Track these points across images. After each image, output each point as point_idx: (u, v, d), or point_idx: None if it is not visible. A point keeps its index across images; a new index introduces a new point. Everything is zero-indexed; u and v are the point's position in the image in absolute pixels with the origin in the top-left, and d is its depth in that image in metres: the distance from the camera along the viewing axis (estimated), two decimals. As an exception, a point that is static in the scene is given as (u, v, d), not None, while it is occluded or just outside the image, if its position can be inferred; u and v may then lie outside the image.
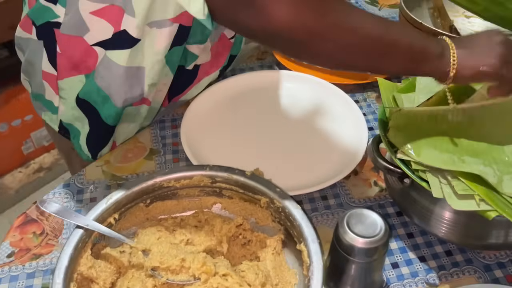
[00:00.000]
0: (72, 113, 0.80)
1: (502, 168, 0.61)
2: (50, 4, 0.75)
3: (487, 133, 0.64)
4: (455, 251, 0.68)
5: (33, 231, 0.69)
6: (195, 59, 0.84)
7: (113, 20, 0.71)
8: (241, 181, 0.66)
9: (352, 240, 0.56)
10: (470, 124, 0.65)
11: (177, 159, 0.81)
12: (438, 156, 0.61)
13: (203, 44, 0.82)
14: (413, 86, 0.72)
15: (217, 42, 0.86)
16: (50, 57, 0.77)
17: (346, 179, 0.77)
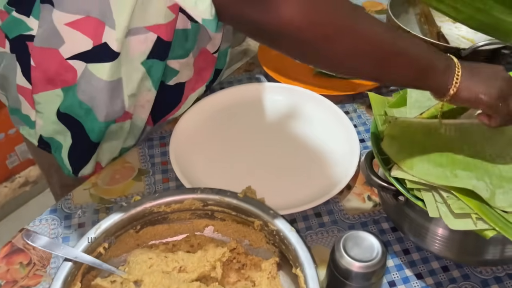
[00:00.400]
0: (53, 128, 0.78)
1: (494, 182, 0.60)
2: (22, 16, 0.72)
3: (480, 148, 0.64)
4: (452, 266, 0.67)
5: (20, 262, 0.67)
6: (175, 74, 0.81)
7: (91, 32, 0.69)
8: (233, 203, 0.65)
9: (349, 264, 0.55)
10: (462, 138, 0.65)
11: (167, 179, 0.80)
12: (431, 170, 0.60)
13: (183, 59, 0.79)
14: (404, 100, 0.71)
15: (198, 57, 0.83)
16: (24, 70, 0.75)
17: (340, 194, 0.76)
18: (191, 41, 0.77)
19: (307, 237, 0.71)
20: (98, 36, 0.69)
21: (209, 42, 0.82)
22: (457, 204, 0.56)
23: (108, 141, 0.81)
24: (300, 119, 0.91)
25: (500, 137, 0.65)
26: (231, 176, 0.80)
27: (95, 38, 0.69)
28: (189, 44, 0.77)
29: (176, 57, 0.78)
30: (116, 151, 0.84)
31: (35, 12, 0.71)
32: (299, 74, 1.03)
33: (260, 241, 0.66)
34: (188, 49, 0.78)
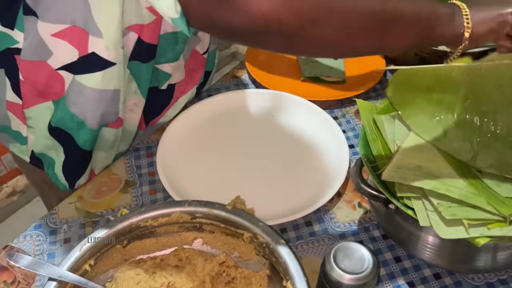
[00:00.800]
0: (45, 143, 0.77)
1: (483, 140, 0.58)
2: (7, 29, 0.71)
3: (486, 98, 0.59)
4: (444, 273, 0.67)
5: (4, 280, 0.65)
6: (168, 78, 0.81)
7: (77, 42, 0.68)
8: (222, 216, 0.64)
9: (340, 277, 0.54)
10: (471, 85, 0.59)
11: (154, 190, 0.78)
12: (426, 124, 0.59)
13: (175, 62, 0.79)
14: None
15: (189, 59, 0.83)
16: (14, 85, 0.74)
17: (330, 202, 0.75)
18: (182, 43, 0.77)
19: (298, 246, 0.70)
20: (83, 46, 0.68)
21: (198, 43, 0.82)
22: (448, 211, 0.55)
23: (101, 148, 0.80)
24: (288, 125, 0.90)
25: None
26: (219, 186, 0.79)
27: (81, 48, 0.68)
28: (179, 47, 0.77)
29: (168, 61, 0.78)
30: (110, 158, 0.83)
31: (18, 24, 0.69)
32: (287, 80, 1.02)
33: (250, 253, 0.65)
34: (179, 52, 0.78)
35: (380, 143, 0.66)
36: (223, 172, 0.82)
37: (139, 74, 0.75)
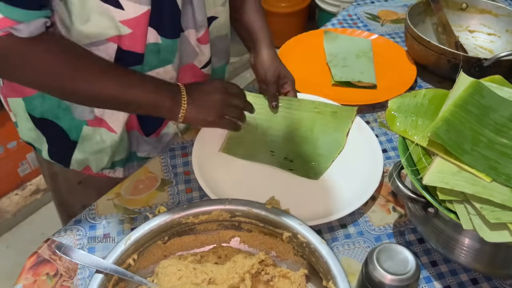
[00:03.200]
0: (29, 134, 0.81)
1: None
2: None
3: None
4: (481, 279, 0.67)
5: (47, 272, 0.67)
6: None
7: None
8: (261, 215, 0.64)
9: (382, 277, 0.55)
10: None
11: (190, 189, 0.79)
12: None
13: (159, 68, 0.77)
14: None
15: (185, 72, 0.82)
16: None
17: (364, 205, 0.76)
18: (167, 54, 0.76)
19: (334, 248, 0.71)
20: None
21: (196, 57, 0.82)
22: (492, 215, 0.55)
23: (88, 149, 0.81)
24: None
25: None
26: (253, 186, 0.80)
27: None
28: (163, 56, 0.76)
29: (152, 68, 0.77)
30: (103, 161, 0.83)
31: None
32: (318, 84, 1.03)
33: (288, 253, 0.66)
34: (164, 60, 0.77)
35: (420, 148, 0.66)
36: (258, 173, 0.83)
37: None
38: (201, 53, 0.82)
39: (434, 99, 0.71)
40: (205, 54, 0.82)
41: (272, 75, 0.87)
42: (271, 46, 0.88)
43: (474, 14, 1.13)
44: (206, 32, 0.79)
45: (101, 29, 0.68)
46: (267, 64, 0.87)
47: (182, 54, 0.79)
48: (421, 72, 1.04)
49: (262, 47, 0.88)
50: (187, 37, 0.78)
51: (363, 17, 1.26)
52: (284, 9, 2.48)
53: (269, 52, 0.88)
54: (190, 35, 0.78)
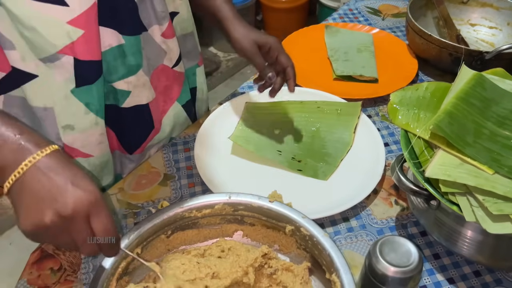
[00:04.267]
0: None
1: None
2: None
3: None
4: (484, 271, 0.67)
5: (51, 267, 0.67)
6: (127, 95, 0.74)
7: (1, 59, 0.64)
8: (264, 208, 0.65)
9: (386, 269, 0.55)
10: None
11: (192, 183, 0.80)
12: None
13: (130, 77, 0.73)
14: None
15: (157, 74, 0.78)
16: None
17: (366, 199, 0.76)
18: (134, 56, 0.71)
19: (336, 242, 0.71)
20: (4, 63, 0.65)
21: (164, 56, 0.77)
22: (495, 207, 0.55)
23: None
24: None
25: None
26: (256, 180, 0.80)
27: (3, 65, 0.65)
28: (132, 60, 0.71)
29: (121, 77, 0.72)
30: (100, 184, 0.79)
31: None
32: (319, 79, 1.03)
33: (291, 246, 0.66)
34: (134, 65, 0.72)
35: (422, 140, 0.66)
36: (259, 167, 0.83)
37: (88, 97, 0.69)
38: (169, 49, 0.78)
39: (436, 92, 0.71)
40: (174, 50, 0.78)
41: (250, 48, 0.77)
42: (236, 19, 0.79)
43: (475, 8, 1.13)
44: (169, 25, 0.75)
45: (51, 38, 0.62)
46: (240, 38, 0.77)
47: (150, 55, 0.75)
48: (423, 66, 1.04)
49: (228, 24, 0.79)
50: (151, 35, 0.74)
51: (364, 11, 1.26)
52: (285, 4, 2.48)
53: (236, 26, 0.79)
54: (154, 32, 0.74)
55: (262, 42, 0.77)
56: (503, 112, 0.66)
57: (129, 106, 0.76)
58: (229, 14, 0.79)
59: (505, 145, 0.63)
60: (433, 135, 0.64)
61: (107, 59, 0.69)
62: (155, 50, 0.75)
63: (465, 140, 0.62)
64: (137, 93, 0.75)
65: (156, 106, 0.80)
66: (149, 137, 0.82)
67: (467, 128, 0.63)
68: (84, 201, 0.46)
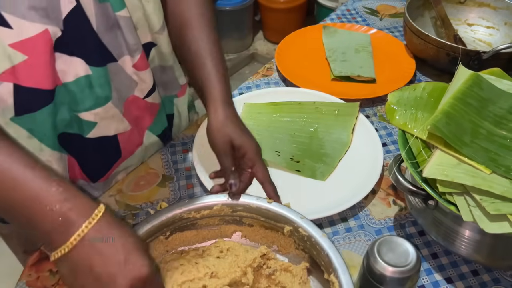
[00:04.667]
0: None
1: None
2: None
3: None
4: (481, 270, 0.67)
5: (49, 269, 0.67)
6: (92, 126, 0.70)
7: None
8: (263, 209, 0.65)
9: (384, 269, 0.55)
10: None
11: (191, 184, 0.80)
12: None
13: (98, 108, 0.68)
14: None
15: (128, 106, 0.73)
16: None
17: (365, 199, 0.76)
18: (102, 88, 0.67)
19: (334, 242, 0.71)
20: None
21: (135, 87, 0.72)
22: (492, 206, 0.55)
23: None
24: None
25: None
26: (254, 181, 0.80)
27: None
28: (99, 92, 0.67)
29: (88, 108, 0.67)
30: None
31: None
32: (317, 79, 1.03)
33: (289, 246, 0.66)
34: (102, 97, 0.68)
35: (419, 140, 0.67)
36: (258, 168, 0.83)
37: (35, 127, 0.64)
38: (140, 81, 0.72)
39: (434, 92, 0.71)
40: (146, 81, 0.72)
41: (220, 146, 0.66)
42: (221, 105, 0.67)
43: (473, 7, 1.13)
44: (142, 56, 0.70)
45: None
46: (214, 131, 0.66)
47: (120, 86, 0.70)
48: (420, 66, 1.04)
49: (210, 106, 0.68)
50: (122, 66, 0.69)
51: (361, 12, 1.26)
52: (283, 4, 2.48)
53: (217, 113, 0.66)
54: (125, 63, 0.69)
55: (237, 144, 0.66)
56: (500, 112, 0.66)
57: (94, 137, 0.71)
58: (216, 96, 0.68)
59: (502, 144, 0.63)
60: (431, 135, 0.64)
61: (74, 90, 0.64)
62: (126, 81, 0.70)
63: (462, 140, 0.62)
64: (104, 125, 0.71)
65: (128, 137, 0.76)
66: (115, 165, 0.77)
67: (464, 128, 0.64)
68: (139, 282, 0.46)
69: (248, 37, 2.65)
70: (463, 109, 0.65)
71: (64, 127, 0.67)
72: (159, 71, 0.78)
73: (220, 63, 0.70)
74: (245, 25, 2.56)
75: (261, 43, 2.72)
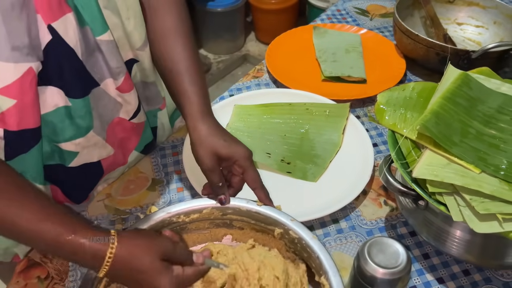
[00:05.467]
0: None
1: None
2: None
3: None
4: (473, 270, 0.67)
5: (38, 276, 0.66)
6: (74, 156, 0.68)
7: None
8: (253, 212, 0.64)
9: (374, 271, 0.55)
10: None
11: (181, 188, 0.79)
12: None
13: (79, 138, 0.66)
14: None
15: (113, 128, 0.71)
16: None
17: (356, 200, 0.76)
18: (83, 118, 0.65)
19: (326, 243, 0.71)
20: None
21: (120, 109, 0.70)
22: (482, 206, 0.55)
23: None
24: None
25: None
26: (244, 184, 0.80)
27: None
28: (80, 122, 0.65)
29: (69, 139, 0.66)
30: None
31: None
32: (308, 80, 1.02)
33: (280, 249, 0.65)
34: (83, 127, 0.66)
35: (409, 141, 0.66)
36: (249, 170, 0.82)
37: (27, 167, 0.63)
38: (125, 102, 0.70)
39: (423, 92, 0.71)
40: (131, 103, 0.71)
41: (207, 162, 0.63)
42: (201, 118, 0.64)
43: (462, 7, 1.13)
44: (126, 78, 0.68)
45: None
46: (198, 144, 0.64)
47: (103, 111, 0.68)
48: (411, 66, 1.04)
49: (188, 122, 0.65)
50: (105, 90, 0.67)
51: (352, 12, 1.26)
52: (274, 5, 2.48)
53: (198, 129, 0.64)
54: (108, 86, 0.67)
55: (224, 154, 0.63)
56: (489, 111, 0.66)
57: (77, 165, 0.69)
58: (193, 111, 0.65)
59: (491, 144, 0.63)
60: (420, 135, 0.64)
61: (53, 120, 0.63)
62: (109, 104, 0.68)
63: (451, 140, 0.62)
64: (87, 153, 0.69)
65: (113, 160, 0.75)
66: (97, 184, 0.77)
67: (453, 128, 0.64)
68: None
69: (240, 38, 2.65)
70: (452, 108, 0.65)
71: (46, 159, 0.66)
72: (142, 87, 0.76)
73: (196, 74, 0.67)
74: (237, 26, 2.56)
75: (253, 44, 2.72)
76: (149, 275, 0.52)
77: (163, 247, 0.53)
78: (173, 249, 0.54)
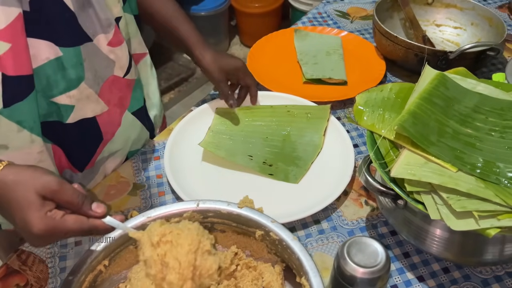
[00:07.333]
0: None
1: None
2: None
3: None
4: (452, 267, 0.68)
5: (16, 284, 0.65)
6: (71, 110, 0.70)
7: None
8: (233, 214, 0.64)
9: (354, 270, 0.55)
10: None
11: (162, 192, 0.79)
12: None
13: (72, 91, 0.68)
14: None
15: (109, 87, 0.73)
16: None
17: (337, 200, 0.76)
18: (74, 69, 0.67)
19: (307, 244, 0.71)
20: None
21: (114, 66, 0.73)
22: (458, 204, 0.56)
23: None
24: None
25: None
26: (227, 186, 0.80)
27: None
28: (72, 73, 0.67)
29: (62, 91, 0.67)
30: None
31: None
32: (289, 82, 1.03)
33: (262, 251, 0.66)
34: (75, 78, 0.68)
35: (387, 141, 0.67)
36: (231, 173, 0.82)
37: (25, 118, 0.65)
38: (117, 58, 0.73)
39: (400, 93, 0.72)
40: (123, 58, 0.74)
41: (217, 77, 0.86)
42: (204, 47, 0.87)
43: (440, 8, 1.15)
44: (116, 31, 0.71)
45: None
46: (209, 66, 0.85)
47: (97, 67, 0.70)
48: (391, 67, 1.05)
49: (196, 52, 0.86)
50: (97, 45, 0.69)
51: (333, 15, 1.27)
52: (257, 9, 2.49)
53: (204, 53, 0.86)
54: (100, 42, 0.70)
55: (231, 68, 0.87)
56: (465, 111, 0.67)
57: (74, 121, 0.71)
58: (196, 41, 0.86)
59: (468, 143, 0.64)
60: (398, 135, 0.65)
61: (46, 73, 0.65)
62: (103, 61, 0.71)
63: (429, 139, 0.63)
64: (81, 107, 0.71)
65: (108, 119, 0.76)
66: (98, 149, 0.77)
67: (430, 127, 0.64)
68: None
69: (224, 42, 2.65)
70: (430, 108, 0.66)
71: (44, 116, 0.68)
72: (128, 43, 0.78)
73: (189, 22, 0.88)
74: (221, 30, 2.56)
75: (238, 47, 2.72)
76: (20, 207, 0.49)
77: (44, 182, 0.50)
78: (56, 187, 0.51)
